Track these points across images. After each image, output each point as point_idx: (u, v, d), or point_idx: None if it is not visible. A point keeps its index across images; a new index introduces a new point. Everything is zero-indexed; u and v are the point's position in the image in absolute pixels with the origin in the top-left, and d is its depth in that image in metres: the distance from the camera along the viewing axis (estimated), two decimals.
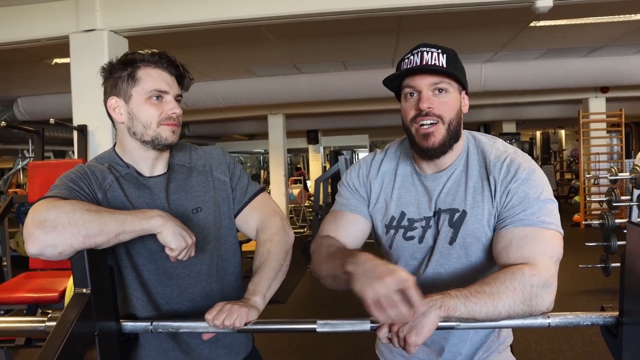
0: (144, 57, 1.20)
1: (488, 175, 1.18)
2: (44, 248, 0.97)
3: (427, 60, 1.16)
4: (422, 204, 1.24)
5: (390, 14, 3.58)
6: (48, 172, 3.12)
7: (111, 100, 1.22)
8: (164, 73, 1.21)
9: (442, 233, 1.21)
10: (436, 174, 1.23)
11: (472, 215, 1.17)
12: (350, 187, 1.33)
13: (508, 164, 1.16)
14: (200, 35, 4.34)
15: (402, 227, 1.25)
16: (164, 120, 1.20)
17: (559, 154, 13.73)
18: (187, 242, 1.09)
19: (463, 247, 1.19)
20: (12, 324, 1.23)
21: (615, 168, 5.38)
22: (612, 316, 1.03)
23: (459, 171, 1.22)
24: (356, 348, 3.58)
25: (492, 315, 0.97)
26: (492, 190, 1.16)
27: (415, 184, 1.26)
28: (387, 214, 1.28)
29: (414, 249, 1.25)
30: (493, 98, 8.50)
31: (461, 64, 1.21)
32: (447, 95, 1.16)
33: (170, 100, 1.22)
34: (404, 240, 1.25)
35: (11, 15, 3.78)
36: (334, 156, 11.33)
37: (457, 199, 1.20)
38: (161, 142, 1.21)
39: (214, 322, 1.06)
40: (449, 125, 1.16)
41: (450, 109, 1.17)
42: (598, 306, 1.08)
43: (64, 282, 2.69)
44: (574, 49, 6.19)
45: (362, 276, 0.92)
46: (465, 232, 1.18)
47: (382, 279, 0.88)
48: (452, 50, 1.20)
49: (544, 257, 1.05)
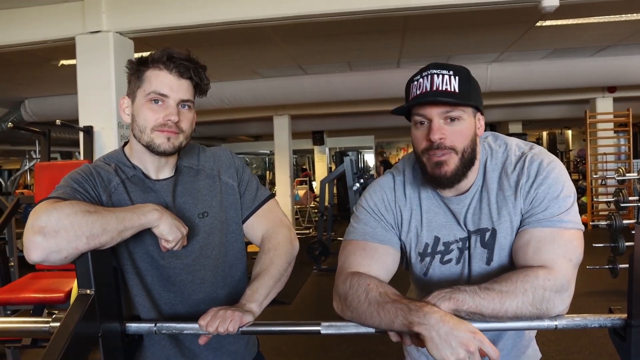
0: (154, 57, 1.16)
1: (510, 185, 1.13)
2: (48, 254, 0.96)
3: (438, 85, 1.07)
4: (453, 225, 1.18)
5: (395, 14, 3.57)
6: (54, 173, 3.13)
7: (123, 99, 1.22)
8: (170, 76, 1.16)
9: (476, 255, 1.16)
10: (460, 197, 1.17)
11: (501, 230, 1.13)
12: (376, 214, 1.21)
13: (527, 167, 1.12)
14: (206, 36, 4.36)
15: (439, 252, 1.19)
16: (158, 127, 1.15)
17: (566, 155, 13.68)
18: (182, 232, 1.11)
19: (501, 265, 1.15)
20: (17, 324, 1.23)
21: (622, 168, 5.34)
22: (620, 318, 1.01)
23: (480, 187, 1.17)
24: (361, 349, 3.57)
25: (498, 312, 0.97)
26: (515, 199, 1.12)
27: (440, 205, 1.20)
28: (420, 242, 1.20)
29: (451, 272, 1.20)
30: (499, 98, 8.46)
31: (475, 84, 1.13)
32: (460, 124, 1.09)
33: (170, 106, 1.16)
34: (441, 265, 1.20)
35: (18, 17, 3.80)
36: (339, 157, 11.34)
37: (483, 218, 1.15)
38: (154, 149, 1.17)
39: (208, 328, 1.05)
40: (462, 155, 1.10)
41: (463, 138, 1.09)
42: (605, 308, 1.06)
43: (70, 283, 2.69)
44: (581, 49, 6.15)
45: (441, 341, 0.89)
46: (500, 249, 1.14)
47: (467, 346, 0.88)
48: (464, 69, 1.11)
49: (562, 260, 1.02)
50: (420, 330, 0.91)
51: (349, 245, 1.20)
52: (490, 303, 0.97)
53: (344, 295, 1.09)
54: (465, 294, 0.97)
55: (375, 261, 1.16)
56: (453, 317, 0.93)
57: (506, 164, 1.16)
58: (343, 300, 1.09)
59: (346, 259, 1.17)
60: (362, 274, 1.11)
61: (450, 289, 0.99)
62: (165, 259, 1.20)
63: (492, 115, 10.72)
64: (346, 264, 1.16)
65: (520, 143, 1.20)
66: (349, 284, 1.09)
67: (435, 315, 0.92)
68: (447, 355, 0.88)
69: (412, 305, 0.96)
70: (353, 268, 1.14)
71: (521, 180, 1.11)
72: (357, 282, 1.08)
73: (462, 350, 0.88)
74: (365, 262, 1.15)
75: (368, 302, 1.03)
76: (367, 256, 1.16)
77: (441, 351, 0.88)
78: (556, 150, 13.15)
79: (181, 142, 1.20)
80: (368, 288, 1.05)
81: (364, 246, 1.18)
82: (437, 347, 0.89)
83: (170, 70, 1.16)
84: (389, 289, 1.05)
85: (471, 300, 0.97)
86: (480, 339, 0.89)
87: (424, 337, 0.91)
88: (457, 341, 0.88)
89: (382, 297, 1.01)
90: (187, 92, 1.19)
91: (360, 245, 1.18)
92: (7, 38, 3.88)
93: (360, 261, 1.15)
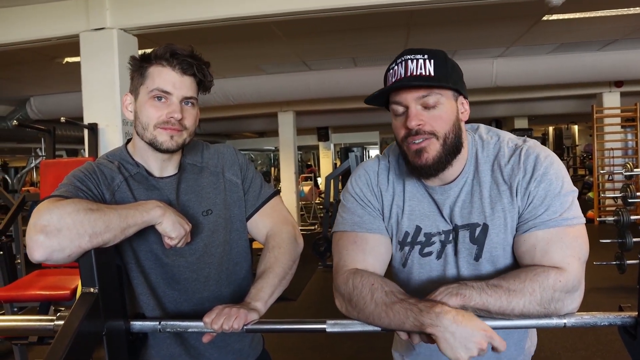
0: (157, 54, 1.15)
1: (504, 179, 1.08)
2: (51, 253, 0.95)
3: (412, 70, 1.03)
4: (437, 216, 1.14)
5: (401, 9, 3.55)
6: (59, 170, 3.14)
7: (126, 96, 1.21)
8: (173, 73, 1.14)
9: (464, 250, 1.12)
10: (444, 187, 1.12)
11: (494, 226, 1.08)
12: (362, 200, 1.17)
13: (524, 161, 1.07)
14: (210, 32, 4.35)
15: (419, 242, 1.15)
16: (160, 124, 1.14)
17: (572, 150, 13.61)
18: (186, 229, 1.10)
19: (490, 261, 1.11)
20: (22, 322, 1.24)
21: (630, 164, 5.30)
22: (630, 316, 1.00)
23: (470, 180, 1.12)
24: (367, 346, 3.57)
25: (505, 310, 0.96)
26: (511, 195, 1.07)
27: (425, 195, 1.15)
28: (400, 229, 1.16)
29: (431, 267, 1.16)
30: (505, 93, 8.43)
31: (454, 66, 1.08)
32: (439, 108, 1.04)
33: (173, 103, 1.15)
34: (420, 257, 1.16)
35: (22, 15, 3.81)
36: (344, 153, 11.34)
37: (474, 212, 1.10)
38: (157, 147, 1.16)
39: (213, 325, 1.04)
40: (444, 140, 1.05)
41: (443, 123, 1.05)
42: (613, 304, 1.05)
43: (76, 280, 2.70)
44: (588, 43, 6.10)
45: (455, 342, 0.90)
46: (491, 245, 1.09)
47: (480, 345, 0.90)
48: (440, 52, 1.06)
49: (571, 259, 1.00)
50: (433, 332, 0.92)
51: (339, 238, 1.18)
52: (497, 301, 0.96)
53: (348, 297, 1.07)
54: (473, 290, 0.96)
55: (369, 254, 1.13)
56: (464, 315, 0.92)
57: (499, 155, 1.10)
58: (347, 301, 1.08)
59: (340, 255, 1.15)
60: (363, 272, 1.09)
61: (457, 284, 0.98)
62: (169, 257, 1.19)
63: (498, 111, 10.68)
64: (342, 261, 1.14)
65: (513, 136, 1.15)
66: (352, 285, 1.07)
67: (447, 317, 0.91)
68: (461, 356, 0.90)
69: (422, 306, 0.95)
70: (349, 265, 1.12)
71: (517, 176, 1.06)
72: (360, 282, 1.06)
73: (475, 349, 0.90)
74: (359, 257, 1.12)
75: (374, 303, 1.01)
76: (359, 250, 1.13)
77: (455, 352, 0.90)
78: (562, 145, 13.08)
79: (185, 139, 1.19)
80: (372, 288, 1.03)
81: (355, 239, 1.15)
82: (452, 348, 0.90)
83: (174, 66, 1.15)
84: (394, 287, 1.03)
85: (478, 297, 0.96)
86: (490, 335, 0.92)
87: (437, 338, 0.91)
88: (472, 340, 0.90)
89: (389, 297, 1.00)
90: (190, 89, 1.17)
91: (351, 238, 1.15)
92: (11, 36, 3.89)
93: (354, 256, 1.13)
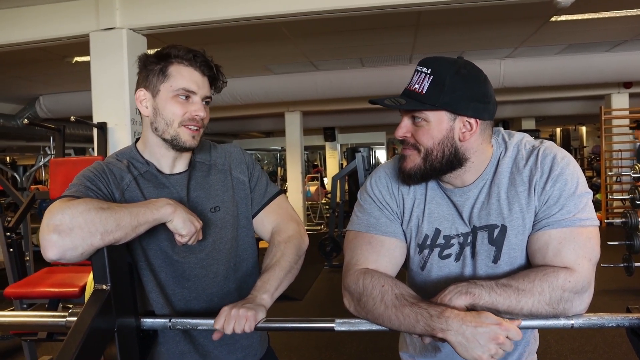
0: (178, 53, 1.18)
1: (522, 180, 1.09)
2: (64, 252, 0.97)
3: (413, 83, 1.07)
4: (456, 218, 1.14)
5: (409, 9, 3.55)
6: (69, 168, 3.16)
7: (140, 91, 1.23)
8: (196, 72, 1.19)
9: (482, 252, 1.11)
10: (463, 189, 1.13)
11: (512, 227, 1.08)
12: (380, 202, 1.17)
13: (541, 161, 1.07)
14: (218, 32, 4.36)
15: (438, 245, 1.15)
16: (186, 121, 1.19)
17: (580, 151, 13.52)
18: (196, 226, 1.11)
19: (509, 263, 1.10)
20: (35, 318, 1.26)
21: (638, 165, 5.26)
22: (638, 318, 1.00)
23: (489, 182, 1.12)
24: (373, 345, 3.57)
25: (513, 310, 0.97)
26: (529, 195, 1.07)
27: (444, 197, 1.16)
28: (420, 232, 1.16)
29: (450, 269, 1.15)
30: (512, 94, 8.39)
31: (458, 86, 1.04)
32: (425, 124, 1.06)
33: (197, 102, 1.20)
34: (439, 260, 1.15)
35: (33, 14, 3.85)
36: (351, 153, 11.32)
37: (491, 214, 1.10)
38: (179, 144, 1.20)
39: (225, 330, 1.05)
40: (426, 155, 1.07)
41: (429, 138, 1.06)
42: (621, 306, 1.06)
43: (85, 277, 2.72)
44: (596, 44, 6.06)
45: (469, 343, 0.90)
46: (510, 247, 1.09)
47: (496, 339, 0.90)
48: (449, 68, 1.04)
49: (582, 260, 1.00)
50: (446, 337, 0.92)
51: (354, 237, 1.18)
52: (506, 300, 0.96)
53: (357, 296, 1.08)
54: (482, 289, 0.97)
55: (383, 256, 1.13)
56: (473, 315, 0.93)
57: (517, 157, 1.11)
58: (357, 301, 1.08)
59: (353, 254, 1.15)
60: (374, 272, 1.09)
61: (466, 282, 0.99)
62: (179, 254, 1.21)
63: (505, 112, 10.64)
64: (353, 259, 1.14)
65: (530, 138, 1.17)
66: (362, 285, 1.07)
67: (457, 320, 0.92)
68: (479, 355, 0.90)
69: (432, 311, 0.96)
70: (361, 264, 1.12)
71: (535, 176, 1.07)
72: (370, 283, 1.06)
73: (492, 345, 0.90)
74: (372, 258, 1.13)
75: (384, 305, 1.02)
76: (373, 251, 1.14)
77: (472, 352, 0.90)
78: (570, 146, 13.00)
79: (201, 137, 1.24)
80: (383, 290, 1.04)
81: (370, 239, 1.15)
82: (467, 350, 0.90)
83: (196, 67, 1.20)
84: (405, 290, 1.03)
85: (487, 295, 0.97)
86: (506, 327, 0.91)
87: (451, 343, 0.92)
88: (485, 338, 0.90)
89: (399, 300, 1.01)
90: (208, 89, 1.23)
91: (366, 239, 1.15)
92: (22, 35, 3.92)
93: (367, 256, 1.13)
